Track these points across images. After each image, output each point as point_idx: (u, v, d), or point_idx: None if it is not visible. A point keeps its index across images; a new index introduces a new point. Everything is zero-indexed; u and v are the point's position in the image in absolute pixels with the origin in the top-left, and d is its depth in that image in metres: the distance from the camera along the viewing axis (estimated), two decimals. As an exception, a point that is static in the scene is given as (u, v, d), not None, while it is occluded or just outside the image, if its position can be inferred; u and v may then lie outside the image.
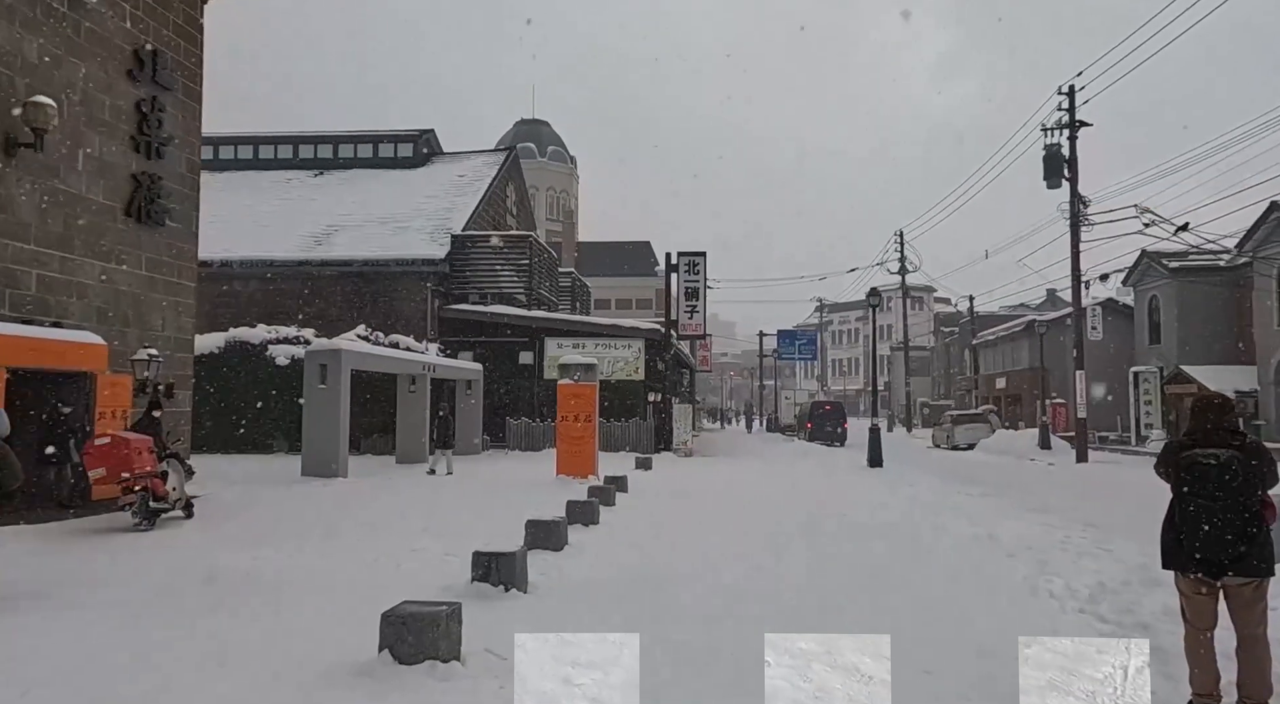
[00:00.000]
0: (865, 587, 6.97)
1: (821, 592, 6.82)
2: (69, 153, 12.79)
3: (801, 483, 16.74)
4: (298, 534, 9.62)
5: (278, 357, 23.54)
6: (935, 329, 61.26)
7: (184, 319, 15.92)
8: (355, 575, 7.37)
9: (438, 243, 27.56)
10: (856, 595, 6.64)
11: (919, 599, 6.50)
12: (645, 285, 51.60)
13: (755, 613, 6.03)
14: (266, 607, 6.18)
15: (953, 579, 7.28)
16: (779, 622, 5.84)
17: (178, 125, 15.29)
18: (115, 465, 9.64)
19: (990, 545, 9.02)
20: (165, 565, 7.81)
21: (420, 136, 33.65)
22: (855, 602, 6.40)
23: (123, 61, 13.96)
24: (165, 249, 15.16)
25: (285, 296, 26.65)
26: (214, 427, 21.55)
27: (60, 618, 5.89)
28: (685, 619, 5.92)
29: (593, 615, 5.97)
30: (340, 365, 16.31)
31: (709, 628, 5.68)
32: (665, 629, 5.62)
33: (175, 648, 5.18)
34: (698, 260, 26.17)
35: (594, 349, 26.19)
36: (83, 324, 13.07)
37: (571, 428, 15.87)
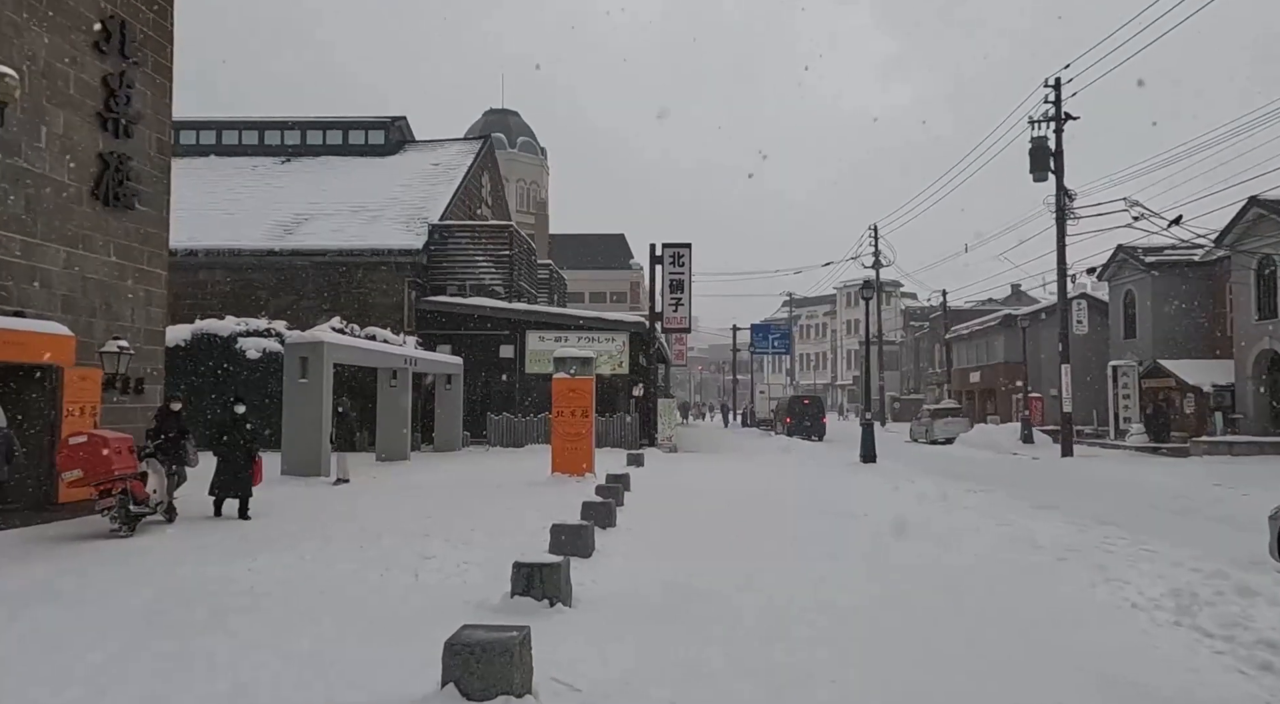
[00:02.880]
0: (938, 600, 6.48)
1: (891, 605, 6.36)
2: (30, 129, 11.83)
3: (803, 480, 16.37)
4: (291, 539, 8.93)
5: (248, 350, 22.52)
6: (905, 324, 61.61)
7: (154, 309, 14.96)
8: (370, 588, 6.73)
9: (414, 233, 26.67)
10: (933, 610, 6.14)
11: (1000, 612, 6.08)
12: (619, 278, 51.03)
13: (833, 632, 5.55)
14: (281, 628, 5.53)
15: (1022, 589, 6.86)
16: (862, 642, 5.37)
17: (147, 102, 14.33)
18: (93, 467, 8.83)
19: (1032, 548, 8.68)
20: (150, 579, 7.08)
21: (392, 123, 32.64)
22: (936, 619, 5.90)
23: (89, 32, 12.99)
24: (135, 235, 14.21)
25: (254, 288, 25.59)
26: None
27: (30, 647, 5.18)
28: (755, 638, 5.41)
29: (651, 634, 5.43)
30: (322, 358, 15.52)
31: (788, 649, 5.19)
32: (739, 651, 5.12)
33: (175, 683, 4.52)
34: (683, 252, 25.68)
35: (577, 342, 25.57)
36: (46, 314, 12.14)
37: (568, 423, 15.28)
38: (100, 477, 8.90)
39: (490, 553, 8.08)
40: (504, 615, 5.63)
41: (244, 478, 10.53)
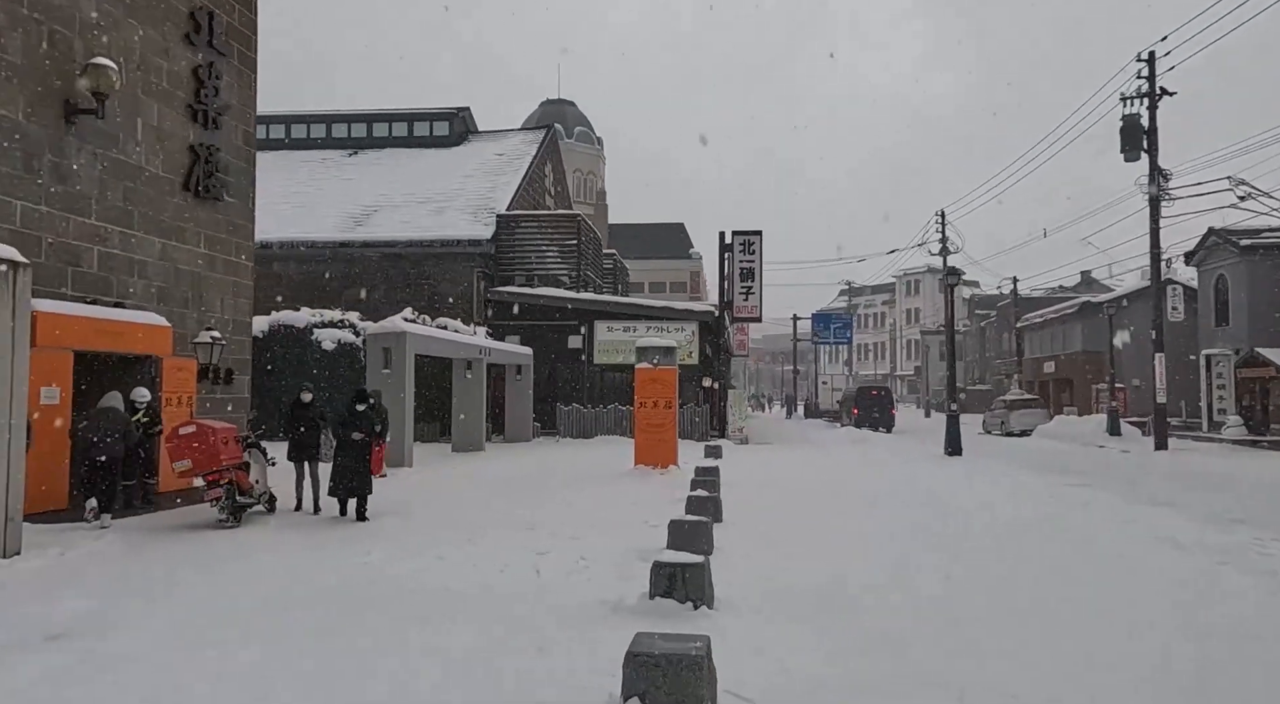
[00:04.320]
0: (1121, 609, 5.97)
1: (1068, 612, 5.90)
2: (127, 121, 11.92)
3: (894, 473, 15.82)
4: (395, 532, 8.79)
5: (323, 341, 22.73)
6: (970, 313, 59.94)
7: (242, 300, 15.07)
8: (495, 585, 6.50)
9: (481, 223, 26.65)
10: (1128, 622, 5.61)
11: (1191, 625, 5.58)
12: (679, 268, 50.52)
13: (1005, 641, 5.13)
14: (421, 628, 5.31)
15: (1203, 599, 6.32)
16: (1058, 656, 4.94)
17: (233, 94, 14.39)
18: (202, 457, 8.81)
19: (1178, 550, 8.09)
20: (271, 573, 6.97)
21: (456, 114, 32.66)
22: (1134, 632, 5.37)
23: (179, 24, 13.05)
24: (223, 226, 14.30)
25: (326, 279, 25.84)
26: (259, 414, 20.76)
27: (177, 644, 5.04)
28: (921, 642, 5.02)
29: (808, 639, 5.08)
30: (405, 349, 15.47)
31: (961, 657, 4.79)
32: (911, 658, 4.73)
33: (334, 686, 4.31)
34: (753, 240, 25.16)
35: (646, 332, 25.27)
36: (143, 305, 12.25)
37: (651, 415, 14.98)
38: (208, 466, 8.88)
39: (603, 549, 7.82)
40: (649, 618, 5.33)
41: (364, 475, 9.64)
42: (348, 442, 9.56)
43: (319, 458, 10.02)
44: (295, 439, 10.14)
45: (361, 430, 9.70)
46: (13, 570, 6.74)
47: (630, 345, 25.36)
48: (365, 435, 9.72)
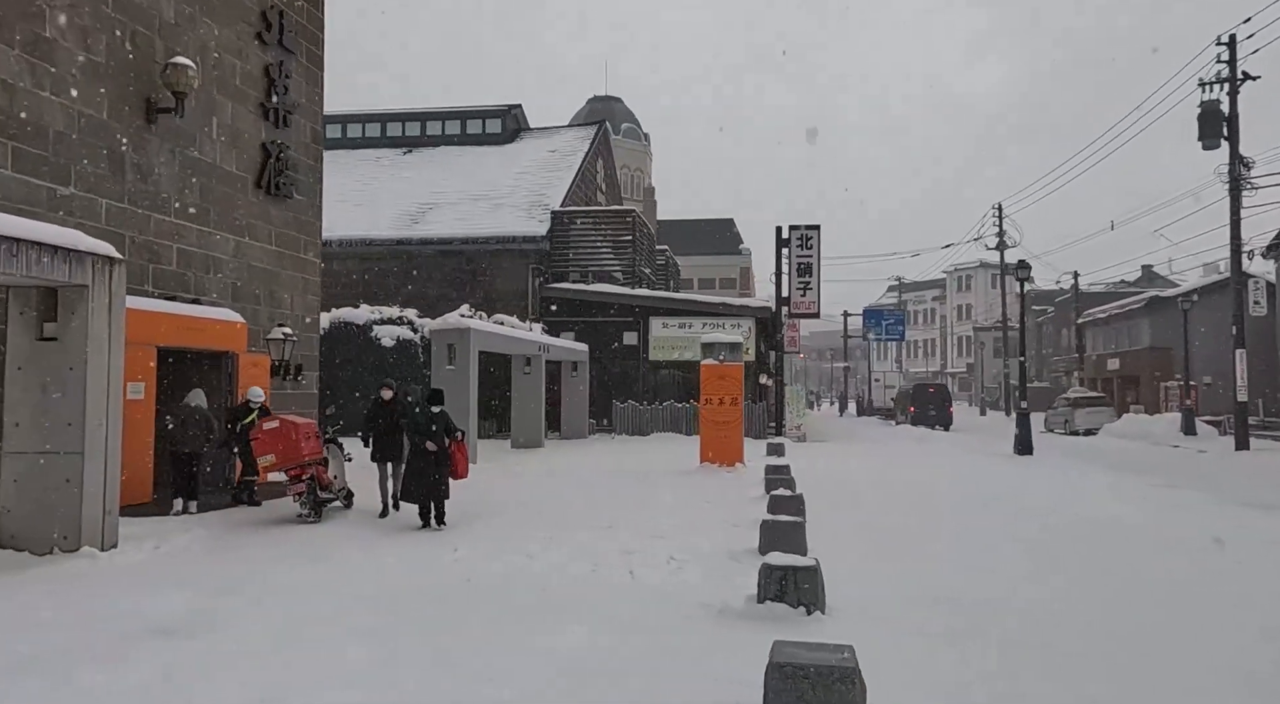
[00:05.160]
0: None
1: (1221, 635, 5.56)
2: (203, 119, 12.05)
3: (966, 472, 15.37)
4: (476, 529, 8.71)
5: (383, 338, 22.94)
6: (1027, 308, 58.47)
7: (310, 297, 15.21)
8: (589, 585, 6.36)
9: (535, 219, 26.65)
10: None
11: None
12: (729, 264, 50.11)
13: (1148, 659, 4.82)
14: (528, 629, 5.18)
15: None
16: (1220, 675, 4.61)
17: (302, 92, 14.50)
18: (285, 451, 8.85)
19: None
20: (361, 570, 6.92)
21: (508, 112, 32.74)
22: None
23: (252, 23, 13.17)
24: (292, 223, 14.43)
25: (384, 276, 26.08)
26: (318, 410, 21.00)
27: (289, 643, 4.97)
28: (1059, 657, 4.74)
29: (946, 653, 4.82)
30: (469, 345, 15.46)
31: (1106, 676, 4.50)
32: (1055, 676, 4.46)
33: (456, 690, 4.19)
34: (810, 234, 24.75)
35: (701, 329, 25.02)
36: (219, 301, 12.40)
37: (716, 411, 14.76)
38: (292, 461, 8.91)
39: (691, 549, 7.63)
40: (761, 623, 5.14)
41: (441, 479, 8.92)
42: (423, 446, 8.93)
43: (401, 458, 9.46)
44: (376, 439, 9.67)
45: (437, 434, 8.98)
46: (113, 563, 6.79)
47: (686, 342, 25.18)
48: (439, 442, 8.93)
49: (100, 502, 7.08)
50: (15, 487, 6.97)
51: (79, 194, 9.94)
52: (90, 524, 6.98)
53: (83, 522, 6.94)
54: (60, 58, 9.66)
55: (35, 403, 7.02)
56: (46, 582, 6.12)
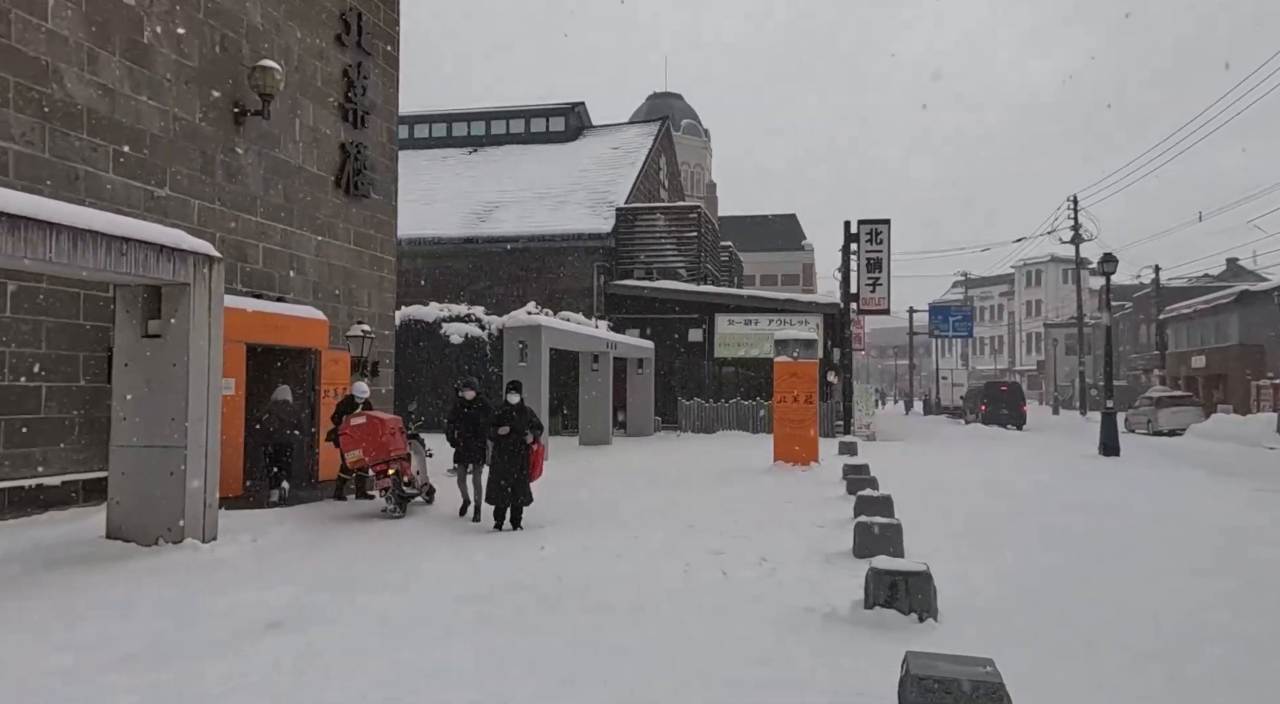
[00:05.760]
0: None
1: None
2: (286, 121, 12.31)
3: (1049, 472, 14.81)
4: (559, 526, 8.67)
5: (451, 335, 23.24)
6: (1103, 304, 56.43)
7: (386, 295, 15.45)
8: (683, 586, 6.25)
9: (600, 216, 26.68)
10: None
11: None
12: (791, 260, 49.52)
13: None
14: (629, 631, 5.10)
15: None
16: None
17: (379, 93, 14.72)
18: (371, 447, 8.96)
19: None
20: (451, 566, 6.94)
21: (571, 110, 32.85)
22: None
23: (332, 26, 13.41)
24: (369, 222, 14.67)
25: (451, 274, 26.42)
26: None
27: (402, 641, 4.97)
28: (1195, 681, 4.45)
29: (1068, 664, 4.57)
30: (541, 342, 15.52)
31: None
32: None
33: (568, 695, 4.12)
34: (881, 229, 24.23)
35: (768, 326, 24.75)
36: (301, 299, 12.66)
37: (790, 410, 14.51)
38: (378, 457, 9.02)
39: (781, 551, 7.47)
40: (872, 630, 4.97)
41: (522, 483, 8.55)
42: (502, 442, 8.53)
43: (484, 460, 9.02)
44: (458, 440, 9.21)
45: (514, 426, 8.52)
46: (214, 556, 6.94)
47: (752, 338, 24.93)
48: (514, 431, 8.49)
49: (201, 495, 7.24)
50: (123, 479, 7.18)
51: (173, 195, 10.23)
52: (192, 517, 7.15)
53: (185, 514, 7.11)
54: (157, 63, 9.95)
55: (141, 398, 7.22)
56: (156, 573, 6.28)
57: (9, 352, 8.22)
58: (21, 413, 8.34)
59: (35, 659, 4.35)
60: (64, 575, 6.13)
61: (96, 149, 9.13)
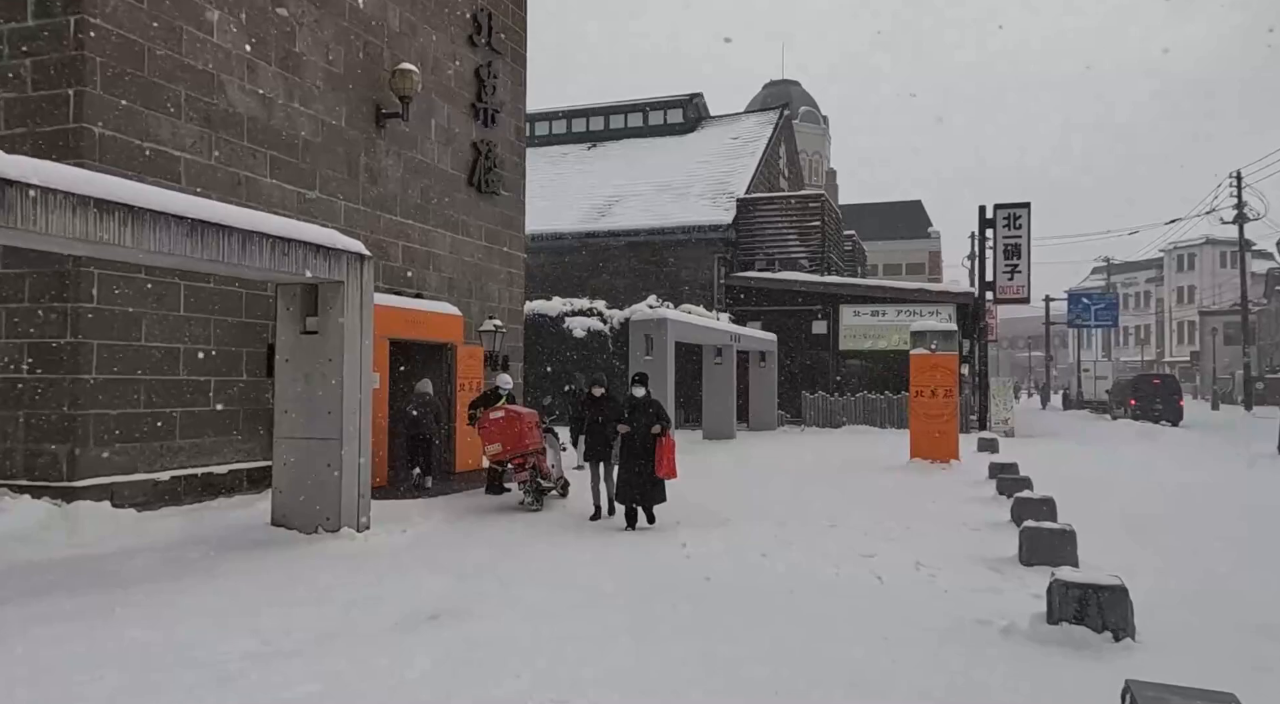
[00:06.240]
0: None
1: None
2: (422, 122, 12.66)
3: (1223, 473, 13.51)
4: (698, 523, 8.50)
5: (574, 329, 23.52)
6: (1269, 289, 51.52)
7: (515, 290, 15.75)
8: (838, 590, 5.97)
9: (720, 208, 26.39)
10: None
11: None
12: (915, 248, 47.63)
13: None
14: (793, 633, 4.88)
15: None
16: None
17: (508, 91, 14.97)
18: (510, 440, 9.09)
19: None
20: (597, 560, 6.90)
21: (690, 101, 32.62)
22: None
23: (464, 26, 13.71)
24: (499, 219, 14.96)
25: (572, 269, 26.74)
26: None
27: (547, 637, 4.93)
28: None
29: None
30: (666, 336, 15.42)
31: None
32: None
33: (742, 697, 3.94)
34: (1020, 213, 22.84)
35: (895, 317, 23.83)
36: (437, 295, 13.03)
37: (928, 405, 13.85)
38: (516, 450, 9.13)
39: (935, 554, 7.05)
40: (1060, 649, 4.56)
41: (651, 478, 8.16)
42: (628, 438, 8.21)
43: (613, 459, 8.69)
44: (587, 438, 8.81)
45: (637, 421, 8.17)
46: (368, 545, 7.17)
47: (879, 330, 24.06)
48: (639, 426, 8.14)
49: (355, 485, 7.50)
50: (285, 470, 7.52)
51: (323, 197, 10.69)
52: (348, 507, 7.41)
53: (342, 504, 7.37)
54: (307, 71, 10.40)
55: (300, 392, 7.54)
56: (319, 561, 6.52)
57: (183, 348, 8.79)
58: (194, 405, 8.91)
59: (219, 644, 4.55)
60: (237, 561, 6.45)
61: (255, 155, 9.62)
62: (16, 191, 4.64)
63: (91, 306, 7.84)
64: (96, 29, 7.83)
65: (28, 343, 7.84)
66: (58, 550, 6.42)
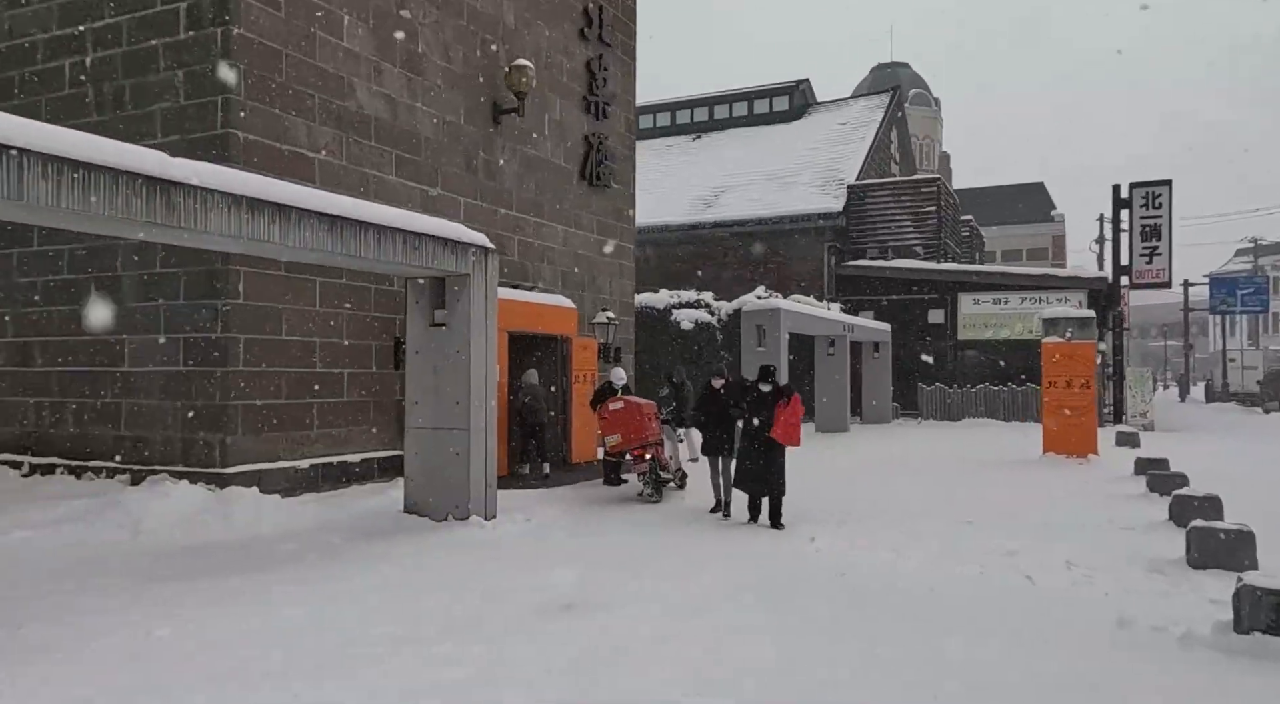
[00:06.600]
0: None
1: None
2: (536, 117, 12.80)
3: None
4: (823, 517, 8.24)
5: (682, 321, 23.41)
6: None
7: (625, 282, 15.78)
8: (985, 591, 5.65)
9: (830, 195, 25.74)
10: None
11: None
12: (1037, 233, 45.18)
13: None
14: (947, 637, 4.64)
15: None
16: None
17: (617, 83, 14.97)
18: (630, 432, 9.08)
19: None
20: (726, 555, 6.79)
21: (796, 87, 31.95)
22: None
23: (575, 20, 13.78)
24: (610, 211, 15.00)
25: (678, 261, 26.65)
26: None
27: (683, 630, 4.83)
28: None
29: None
30: (779, 326, 15.13)
31: None
32: None
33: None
34: (1159, 192, 21.26)
35: (1019, 304, 22.66)
36: (551, 288, 13.17)
37: (1063, 396, 13.05)
38: (636, 441, 9.12)
39: (1088, 554, 6.59)
40: (1257, 662, 4.15)
41: (775, 470, 7.78)
42: (752, 431, 7.86)
43: (732, 452, 8.40)
44: (706, 430, 8.55)
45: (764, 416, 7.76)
46: (496, 534, 7.28)
47: (1001, 319, 22.92)
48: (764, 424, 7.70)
49: (483, 475, 7.63)
50: (417, 459, 7.73)
51: (444, 193, 10.95)
52: (476, 496, 7.55)
53: (470, 493, 7.52)
54: (428, 70, 10.67)
55: (429, 383, 7.73)
56: (451, 548, 6.67)
57: (318, 342, 9.17)
58: (329, 396, 9.29)
59: (368, 626, 4.67)
60: (376, 546, 6.67)
61: (382, 155, 9.94)
62: (181, 192, 4.90)
63: (238, 302, 8.27)
64: (240, 39, 8.24)
65: (183, 337, 8.35)
66: (215, 533, 6.80)
